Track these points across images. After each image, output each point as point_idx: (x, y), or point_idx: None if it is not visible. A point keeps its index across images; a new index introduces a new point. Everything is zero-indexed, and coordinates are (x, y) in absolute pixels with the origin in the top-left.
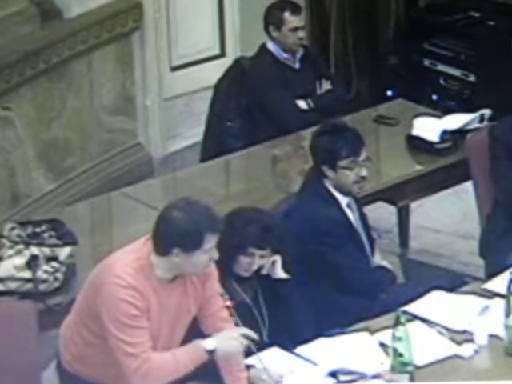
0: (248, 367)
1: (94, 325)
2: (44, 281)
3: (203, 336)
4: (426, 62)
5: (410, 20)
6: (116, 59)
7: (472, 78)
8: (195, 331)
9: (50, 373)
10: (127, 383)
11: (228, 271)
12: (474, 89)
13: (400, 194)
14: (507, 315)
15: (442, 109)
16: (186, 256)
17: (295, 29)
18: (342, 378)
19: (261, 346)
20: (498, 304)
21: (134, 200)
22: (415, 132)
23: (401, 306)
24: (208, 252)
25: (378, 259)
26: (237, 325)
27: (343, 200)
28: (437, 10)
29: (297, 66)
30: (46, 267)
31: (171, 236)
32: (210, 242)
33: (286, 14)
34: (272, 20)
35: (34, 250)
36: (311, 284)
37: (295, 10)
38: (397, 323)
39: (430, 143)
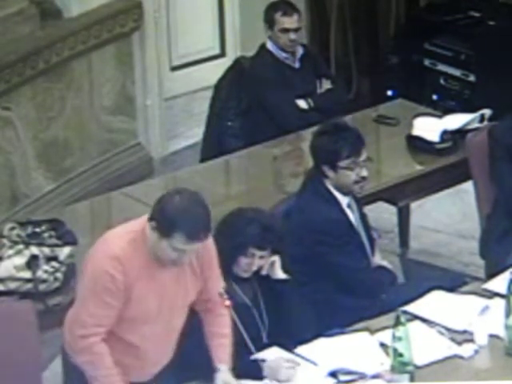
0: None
1: None
2: (44, 281)
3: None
4: (426, 62)
5: (410, 20)
6: (116, 59)
7: (472, 78)
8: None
9: (50, 373)
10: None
11: (228, 272)
12: (474, 89)
13: (400, 194)
14: (507, 315)
15: (442, 109)
16: (157, 236)
17: (286, 30)
18: (342, 377)
19: (260, 346)
20: (498, 304)
21: (134, 200)
22: (415, 132)
23: (401, 305)
24: (177, 251)
25: (378, 259)
26: (235, 325)
27: (343, 200)
28: (437, 9)
29: (297, 65)
30: (45, 267)
31: (157, 209)
32: (179, 243)
33: (278, 15)
34: (266, 19)
35: (34, 250)
36: (311, 284)
37: (288, 11)
38: (397, 323)
39: (430, 143)
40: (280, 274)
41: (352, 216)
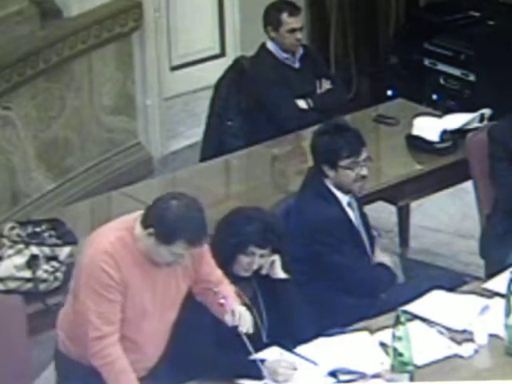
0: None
1: None
2: (44, 280)
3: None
4: (426, 62)
5: (410, 20)
6: (116, 59)
7: (472, 78)
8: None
9: (49, 373)
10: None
11: (227, 271)
12: (473, 88)
13: (400, 194)
14: (507, 315)
15: (442, 108)
16: (155, 242)
17: (293, 30)
18: (342, 377)
19: (260, 346)
20: (498, 303)
21: (133, 200)
22: (415, 132)
23: (401, 305)
24: (176, 255)
25: (379, 256)
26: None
27: (344, 199)
28: (437, 9)
29: (297, 65)
30: (46, 267)
31: (154, 217)
32: (180, 249)
33: (284, 16)
34: (270, 21)
35: (34, 250)
36: (311, 283)
37: (293, 11)
38: (397, 323)
39: (430, 143)
40: (280, 274)
41: (352, 215)
